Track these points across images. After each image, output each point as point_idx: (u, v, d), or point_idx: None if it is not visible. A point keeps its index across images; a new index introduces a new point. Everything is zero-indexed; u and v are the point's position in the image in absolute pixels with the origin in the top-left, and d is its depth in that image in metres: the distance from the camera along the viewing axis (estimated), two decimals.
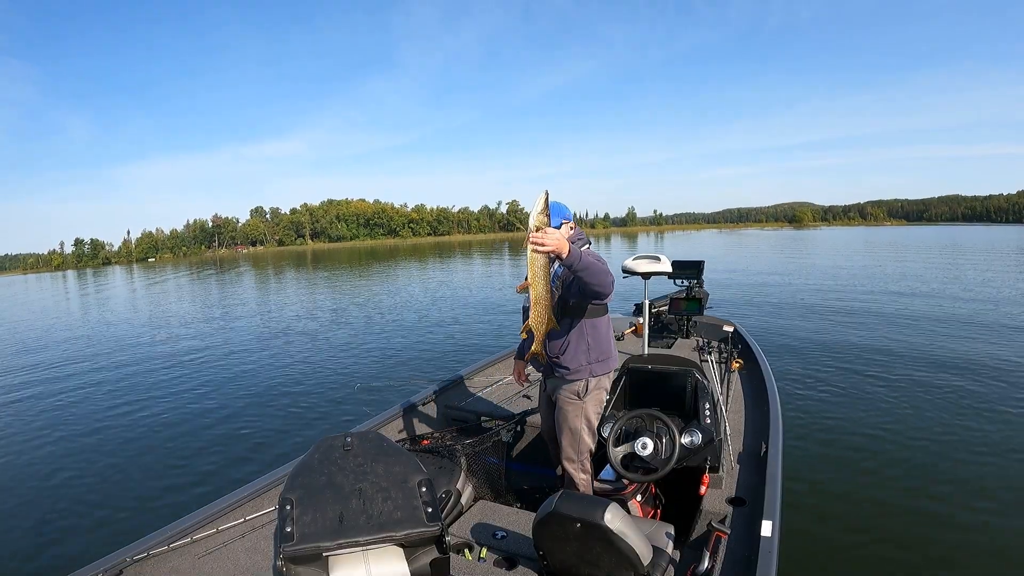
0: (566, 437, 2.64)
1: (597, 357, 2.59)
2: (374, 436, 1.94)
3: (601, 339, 2.61)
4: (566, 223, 2.54)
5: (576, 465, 2.65)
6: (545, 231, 2.04)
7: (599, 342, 2.60)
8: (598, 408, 2.69)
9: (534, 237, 2.05)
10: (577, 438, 2.63)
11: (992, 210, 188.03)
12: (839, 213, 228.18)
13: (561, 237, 2.08)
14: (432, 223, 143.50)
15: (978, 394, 5.84)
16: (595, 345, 2.58)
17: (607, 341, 2.65)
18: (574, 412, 2.61)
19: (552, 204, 2.32)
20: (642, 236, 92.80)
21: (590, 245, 2.57)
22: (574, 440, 2.63)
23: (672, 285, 5.62)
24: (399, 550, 1.67)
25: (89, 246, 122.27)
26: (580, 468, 2.66)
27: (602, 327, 2.62)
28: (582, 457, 2.65)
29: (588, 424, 2.64)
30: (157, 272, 52.67)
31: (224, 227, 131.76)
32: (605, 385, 2.69)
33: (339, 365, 8.26)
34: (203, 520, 2.24)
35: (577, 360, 2.56)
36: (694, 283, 5.42)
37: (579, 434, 2.62)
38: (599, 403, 2.69)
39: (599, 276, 2.23)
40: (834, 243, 45.64)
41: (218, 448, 5.30)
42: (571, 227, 2.56)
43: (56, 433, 5.99)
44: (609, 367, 2.67)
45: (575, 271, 2.20)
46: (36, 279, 65.06)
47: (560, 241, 2.07)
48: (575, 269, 2.19)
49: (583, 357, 2.57)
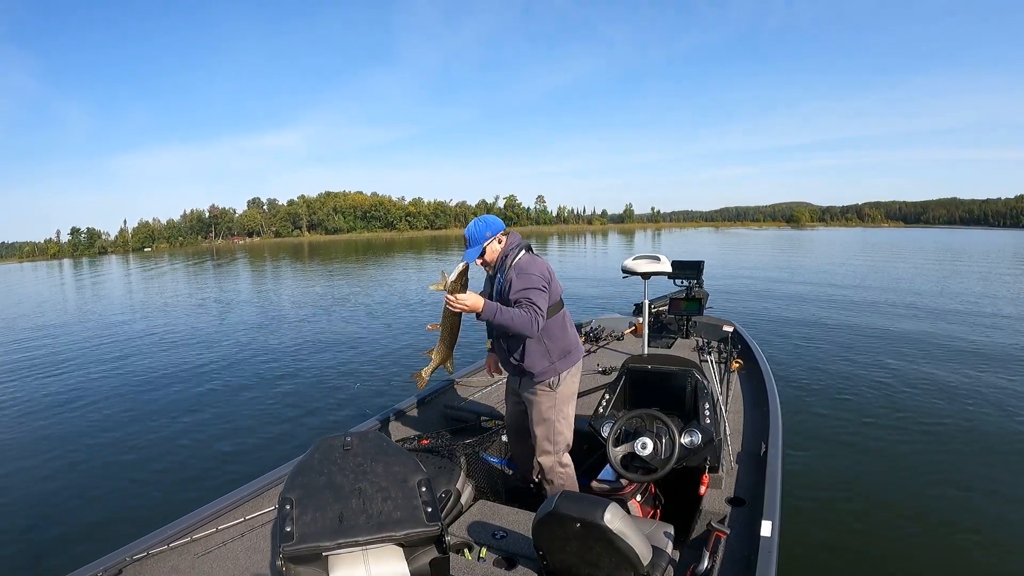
0: (541, 429, 2.64)
1: (559, 355, 2.62)
2: (374, 436, 1.93)
3: (557, 338, 2.62)
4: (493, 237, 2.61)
5: (553, 457, 2.65)
6: (457, 297, 2.35)
7: (556, 341, 2.62)
8: (572, 399, 2.71)
9: (448, 300, 2.38)
10: (551, 428, 2.63)
11: (990, 214, 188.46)
12: (837, 214, 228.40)
13: (472, 302, 2.38)
14: (429, 217, 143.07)
15: (979, 394, 5.87)
16: (553, 345, 2.61)
17: (564, 337, 2.67)
18: (547, 402, 2.62)
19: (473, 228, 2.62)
20: (639, 233, 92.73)
21: (528, 250, 2.63)
22: (549, 431, 2.63)
23: (672, 285, 5.62)
24: (399, 550, 1.67)
25: (85, 235, 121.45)
26: (558, 461, 2.66)
27: (555, 328, 2.62)
28: (559, 448, 2.65)
29: (563, 415, 2.65)
30: (153, 262, 52.44)
31: (221, 218, 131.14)
32: (576, 376, 2.72)
33: (339, 364, 8.22)
34: (203, 519, 2.23)
35: (541, 364, 2.59)
36: (694, 283, 5.42)
37: (553, 424, 2.63)
38: (572, 394, 2.71)
39: (517, 327, 2.42)
40: (832, 244, 45.79)
41: (217, 447, 5.27)
42: (500, 238, 2.63)
43: (55, 432, 5.93)
44: (573, 360, 2.69)
45: (496, 326, 2.50)
46: (32, 267, 64.67)
47: (471, 305, 2.38)
48: (494, 325, 2.49)
49: (545, 360, 2.59)
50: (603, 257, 32.24)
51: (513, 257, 2.57)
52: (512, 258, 2.56)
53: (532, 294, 2.45)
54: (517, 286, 2.49)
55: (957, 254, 30.31)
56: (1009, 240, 53.61)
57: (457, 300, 2.36)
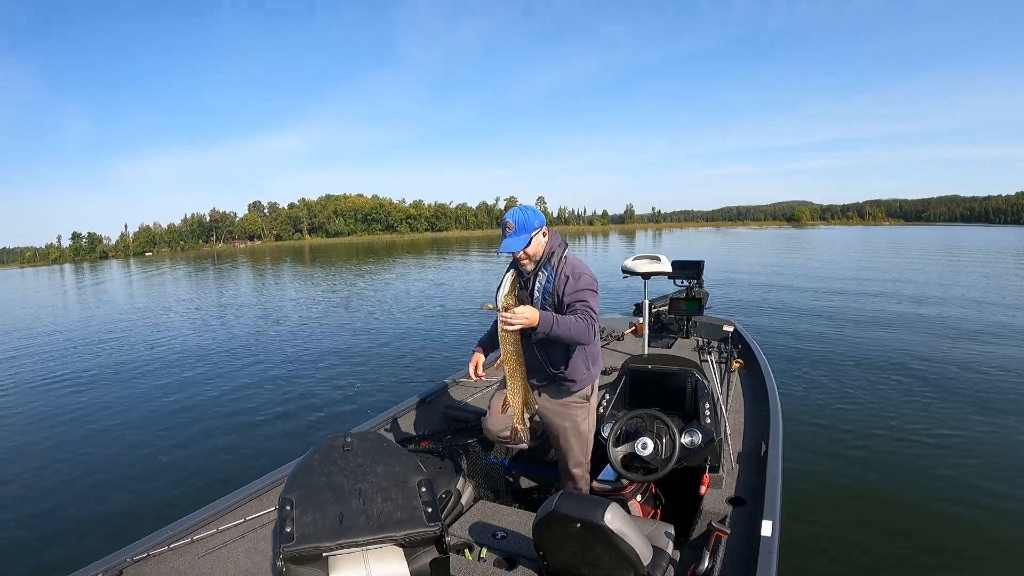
0: (577, 443, 2.55)
1: (593, 361, 2.54)
2: (374, 436, 1.93)
3: (595, 344, 2.53)
4: (539, 229, 2.35)
5: (583, 468, 2.60)
6: (513, 311, 2.10)
7: (593, 347, 2.52)
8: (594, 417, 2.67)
9: (503, 317, 2.12)
10: (586, 441, 2.57)
11: (991, 211, 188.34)
12: (837, 212, 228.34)
13: (531, 315, 2.12)
14: (430, 219, 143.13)
15: (979, 393, 5.86)
16: (591, 351, 2.51)
17: (597, 343, 2.59)
18: (582, 415, 2.53)
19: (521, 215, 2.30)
20: (640, 233, 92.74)
21: (567, 248, 2.43)
22: (583, 445, 2.56)
23: (672, 285, 5.62)
24: (399, 550, 1.67)
25: (86, 240, 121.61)
26: (585, 472, 2.61)
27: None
28: (587, 460, 2.61)
29: (592, 426, 2.62)
30: (155, 266, 52.52)
31: (222, 222, 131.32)
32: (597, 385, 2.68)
33: (339, 365, 8.23)
34: (203, 520, 2.23)
35: (580, 371, 2.48)
36: (694, 283, 5.42)
37: (587, 437, 2.57)
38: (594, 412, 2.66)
39: (575, 336, 2.23)
40: (832, 244, 45.74)
41: (218, 448, 5.28)
42: (545, 231, 2.39)
43: (56, 434, 5.94)
44: (600, 367, 2.64)
45: (551, 337, 2.22)
46: (33, 272, 64.80)
47: (529, 318, 2.12)
48: (550, 337, 2.21)
49: (583, 366, 2.48)
50: (603, 257, 32.22)
51: (561, 254, 2.36)
52: (560, 255, 2.36)
53: (588, 296, 2.28)
54: (572, 288, 2.29)
55: (958, 251, 30.24)
56: (1011, 238, 53.48)
57: (515, 314, 2.11)
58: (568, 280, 2.31)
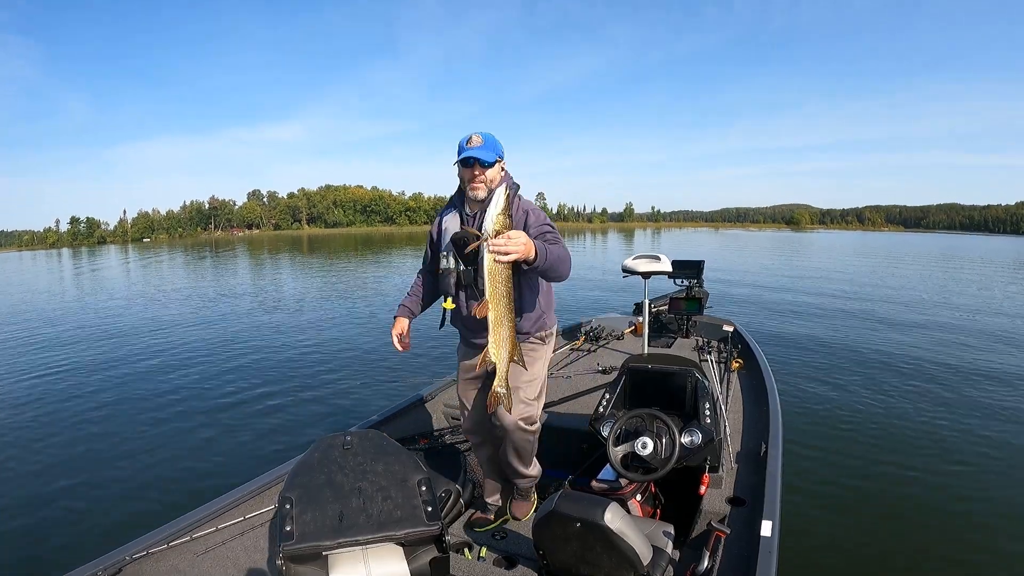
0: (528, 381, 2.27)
1: (546, 305, 2.34)
2: (374, 435, 1.92)
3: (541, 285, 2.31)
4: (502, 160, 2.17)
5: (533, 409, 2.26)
6: (508, 236, 1.73)
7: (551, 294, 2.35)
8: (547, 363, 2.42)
9: (495, 244, 1.73)
10: (538, 385, 2.32)
11: (990, 220, 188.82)
12: (837, 216, 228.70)
13: (528, 240, 1.77)
14: (429, 212, 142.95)
15: (979, 394, 5.89)
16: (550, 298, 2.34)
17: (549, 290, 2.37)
18: (536, 354, 2.33)
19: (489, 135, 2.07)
20: (639, 233, 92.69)
21: (519, 188, 2.20)
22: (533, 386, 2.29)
23: (672, 285, 5.62)
24: (399, 549, 1.66)
25: (85, 225, 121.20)
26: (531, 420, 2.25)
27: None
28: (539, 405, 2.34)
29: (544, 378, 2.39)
30: (152, 252, 52.31)
31: (221, 209, 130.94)
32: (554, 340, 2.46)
33: (339, 363, 8.17)
34: (202, 519, 2.21)
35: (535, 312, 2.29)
36: (694, 283, 5.42)
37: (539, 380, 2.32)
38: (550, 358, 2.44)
39: (560, 268, 1.96)
40: (832, 247, 45.80)
41: (217, 446, 5.23)
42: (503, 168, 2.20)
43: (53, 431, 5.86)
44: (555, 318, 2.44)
45: (541, 271, 1.91)
46: (31, 256, 64.49)
47: (528, 245, 1.75)
48: (541, 269, 1.89)
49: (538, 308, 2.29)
50: (603, 256, 32.21)
51: (515, 193, 2.14)
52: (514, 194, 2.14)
53: (552, 227, 2.09)
54: (535, 220, 2.10)
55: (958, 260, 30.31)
56: (1010, 247, 53.60)
57: (510, 239, 1.73)
58: (529, 214, 2.11)
